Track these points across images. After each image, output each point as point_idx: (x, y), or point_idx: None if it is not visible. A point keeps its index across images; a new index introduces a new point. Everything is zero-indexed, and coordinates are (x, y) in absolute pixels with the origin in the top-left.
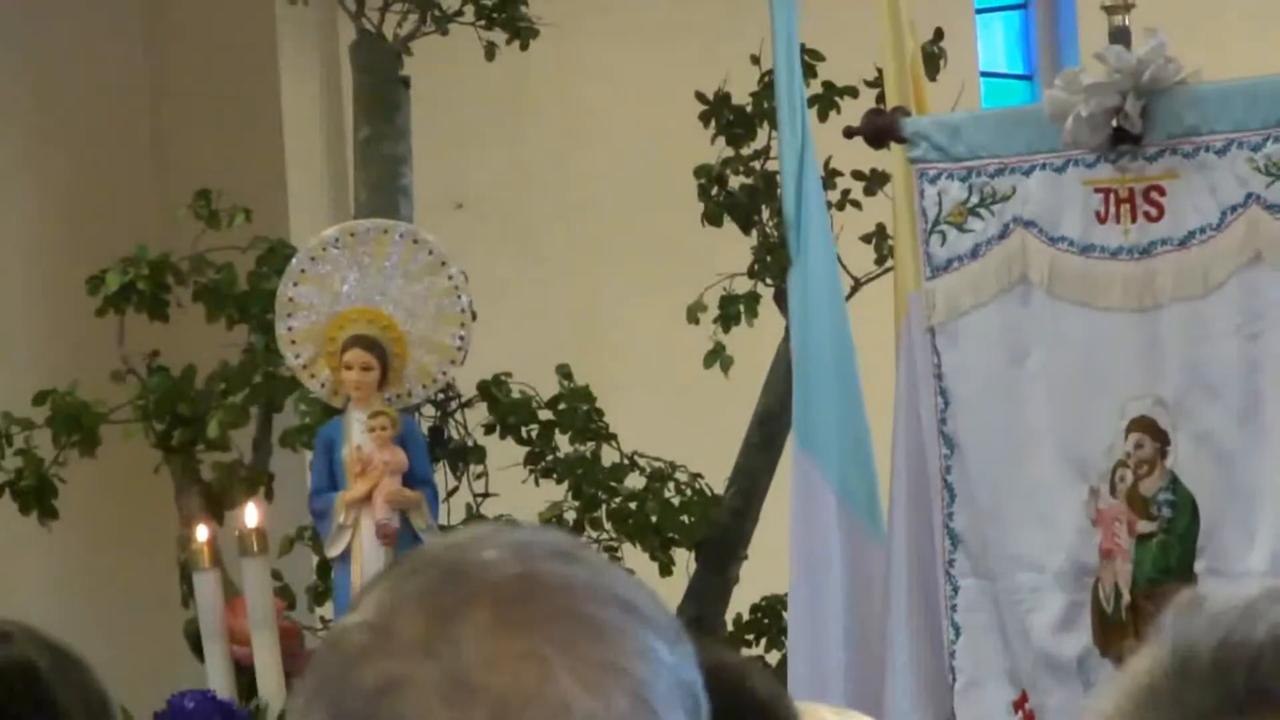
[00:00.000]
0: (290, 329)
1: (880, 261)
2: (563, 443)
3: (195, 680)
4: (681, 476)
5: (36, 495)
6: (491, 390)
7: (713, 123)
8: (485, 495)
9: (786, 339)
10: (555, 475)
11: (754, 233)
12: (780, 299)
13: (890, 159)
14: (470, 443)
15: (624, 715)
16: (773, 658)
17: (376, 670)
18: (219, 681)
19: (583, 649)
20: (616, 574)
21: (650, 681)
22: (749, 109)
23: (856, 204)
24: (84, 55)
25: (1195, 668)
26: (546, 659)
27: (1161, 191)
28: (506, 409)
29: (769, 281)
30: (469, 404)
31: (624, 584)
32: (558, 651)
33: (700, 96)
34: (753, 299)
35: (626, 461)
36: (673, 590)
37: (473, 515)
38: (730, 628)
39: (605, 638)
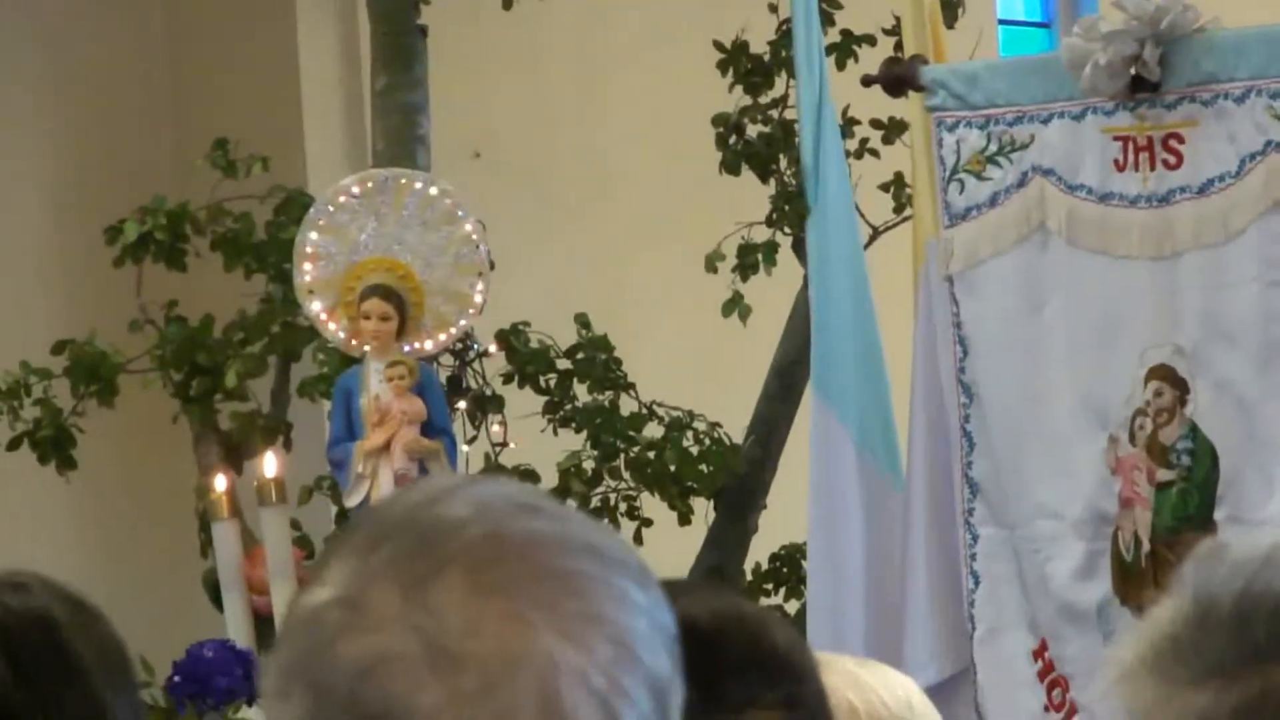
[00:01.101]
0: (308, 278)
1: (898, 210)
2: (581, 392)
3: (214, 630)
4: (700, 425)
5: (55, 445)
6: (509, 340)
7: (730, 71)
8: (503, 445)
9: (805, 288)
10: (574, 425)
11: (772, 181)
12: (798, 248)
13: (908, 107)
14: (489, 392)
15: (609, 663)
16: (792, 607)
17: (357, 647)
18: (238, 631)
19: (561, 603)
20: (579, 521)
21: (630, 625)
22: (767, 57)
23: (874, 153)
24: (99, 5)
25: (1216, 617)
26: (527, 618)
27: (1180, 139)
28: (525, 358)
29: (787, 230)
30: (487, 353)
31: (589, 530)
32: (537, 609)
33: (718, 45)
34: (771, 248)
35: (645, 411)
36: (691, 539)
37: (491, 464)
38: (749, 577)
39: (580, 589)
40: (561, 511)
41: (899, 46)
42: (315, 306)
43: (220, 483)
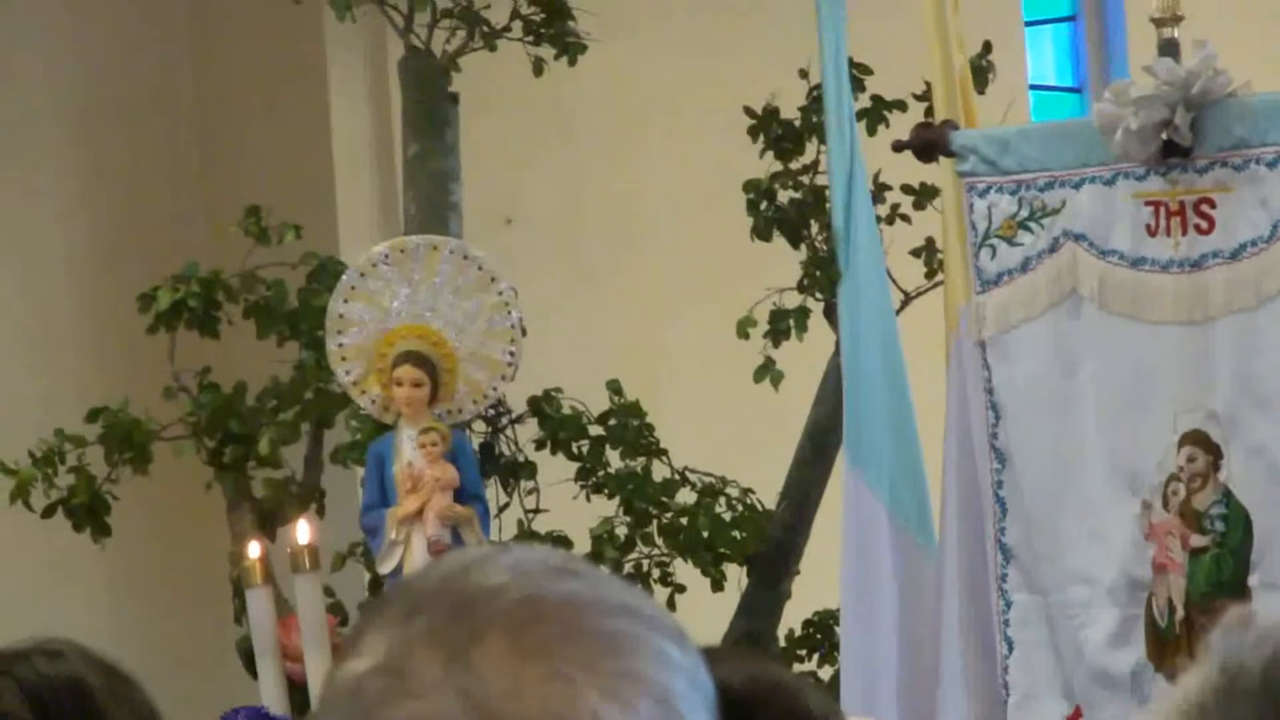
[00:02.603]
0: (340, 345)
1: (930, 275)
2: (614, 458)
3: (248, 697)
4: (733, 491)
5: (89, 512)
6: (542, 406)
7: (761, 137)
8: (536, 511)
9: (837, 353)
10: (606, 491)
11: (803, 247)
12: (830, 313)
13: (939, 173)
14: (521, 458)
15: None
16: (825, 673)
17: (402, 714)
18: (272, 698)
19: (601, 663)
20: (614, 582)
21: (670, 684)
22: (797, 123)
23: (906, 218)
24: (132, 73)
25: (1244, 685)
26: (569, 678)
27: (1212, 204)
28: (557, 424)
29: (819, 296)
30: (520, 420)
31: (625, 592)
32: (578, 669)
33: (748, 111)
34: (803, 313)
35: (677, 477)
36: (724, 605)
37: (524, 531)
38: (782, 643)
39: (620, 648)
40: (596, 574)
41: (930, 112)
42: (348, 373)
43: (254, 550)
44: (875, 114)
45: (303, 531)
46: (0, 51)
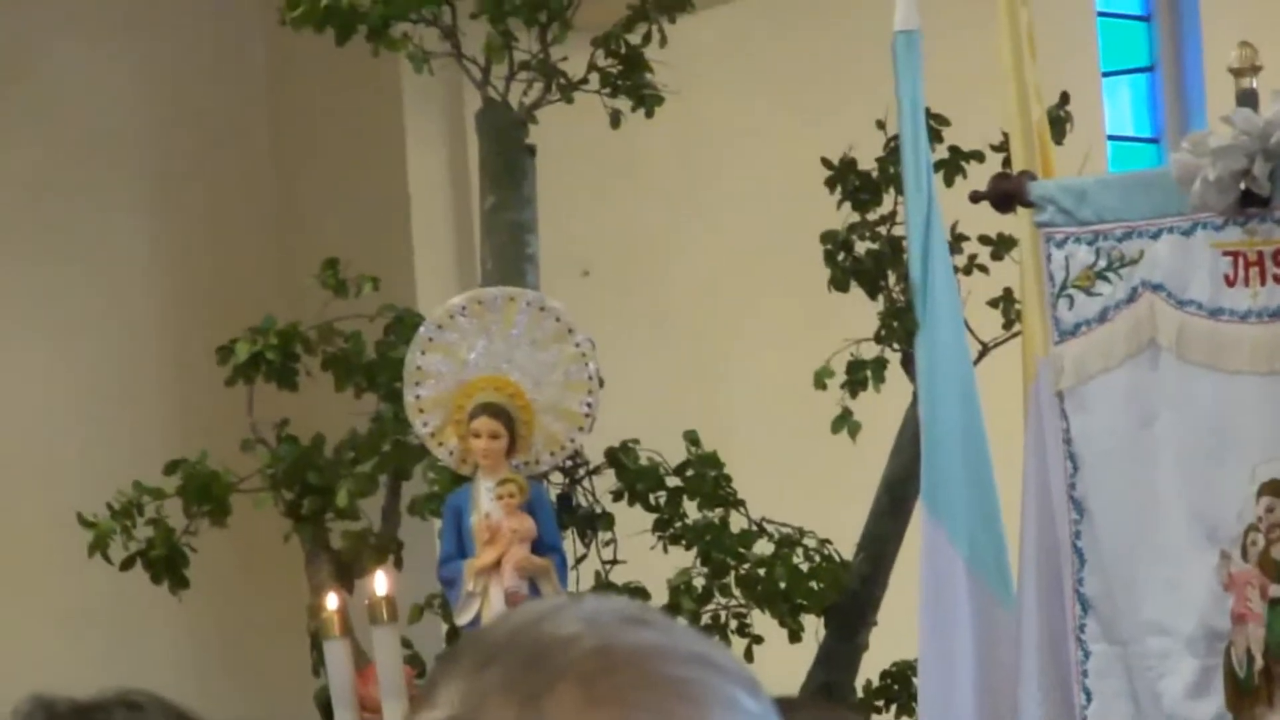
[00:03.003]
0: (418, 397)
1: (1008, 326)
2: (691, 509)
3: None
4: (810, 542)
5: (168, 564)
6: (619, 457)
7: (838, 188)
8: (614, 562)
9: (914, 404)
10: (684, 542)
11: (881, 298)
12: (908, 364)
13: (1017, 223)
14: (598, 510)
15: None
16: None
17: None
18: None
19: (674, 711)
20: (687, 632)
21: None
22: (875, 174)
23: (983, 268)
24: (210, 126)
25: None
26: None
27: None
28: (634, 476)
29: (896, 346)
30: (597, 471)
31: (696, 641)
32: (651, 717)
33: (826, 162)
34: (880, 364)
35: (755, 527)
36: (802, 656)
37: (601, 582)
38: (860, 694)
39: (692, 696)
40: (668, 623)
41: (1007, 162)
42: (425, 425)
43: (332, 601)
44: (953, 164)
45: (380, 583)
46: (80, 105)
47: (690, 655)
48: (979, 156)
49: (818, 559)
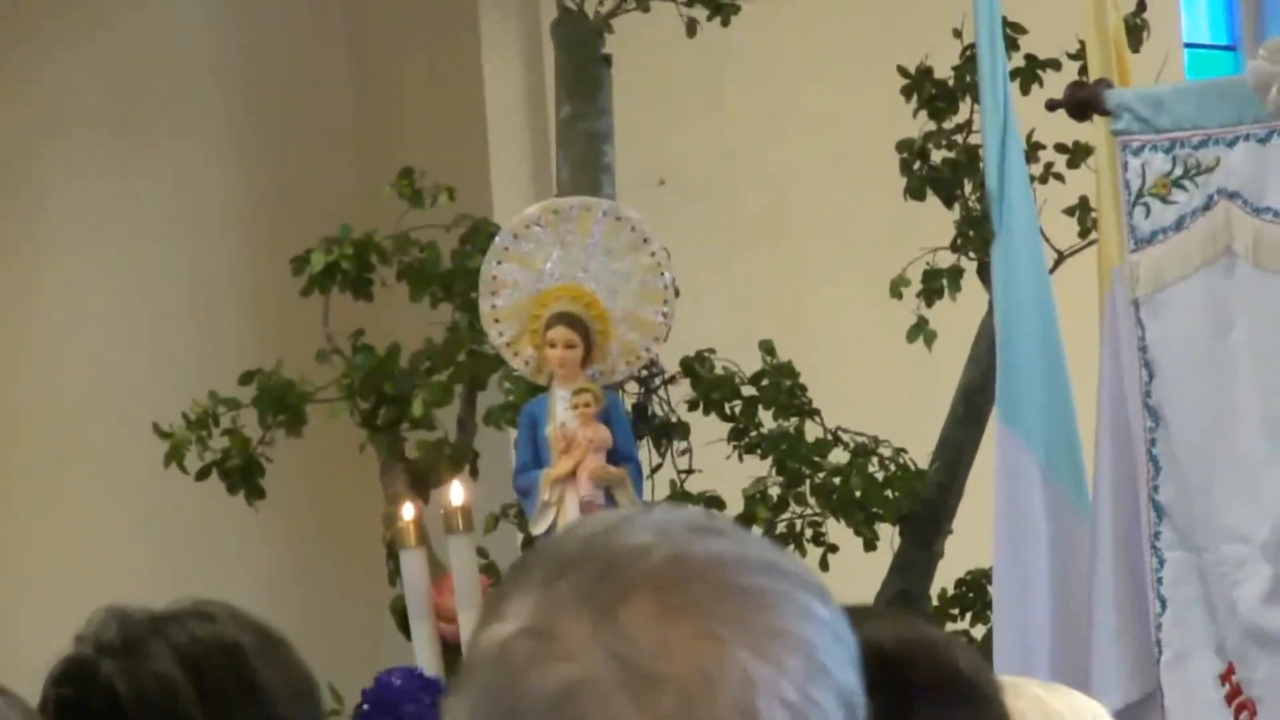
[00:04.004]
0: (494, 307)
1: (1083, 234)
2: (766, 419)
3: (402, 658)
4: (885, 451)
5: (243, 475)
6: (695, 366)
7: (914, 97)
8: (689, 472)
9: (990, 313)
10: (759, 451)
11: (957, 206)
12: (983, 273)
13: (1093, 131)
14: (674, 419)
15: (801, 677)
16: (978, 632)
17: (551, 676)
18: (426, 659)
19: (749, 620)
20: (756, 540)
21: (816, 640)
22: (951, 83)
23: (1059, 177)
24: (286, 38)
25: None
26: (719, 637)
27: None
28: (710, 385)
29: (972, 255)
30: (672, 380)
31: (767, 550)
32: (727, 628)
33: (902, 70)
34: (956, 273)
35: (830, 437)
36: (877, 565)
37: (676, 492)
38: (935, 602)
39: (767, 605)
40: (739, 532)
41: (1083, 70)
42: (501, 335)
43: (407, 511)
44: (1029, 73)
45: (456, 493)
46: (156, 20)
47: (763, 564)
48: (1055, 65)
49: (893, 468)
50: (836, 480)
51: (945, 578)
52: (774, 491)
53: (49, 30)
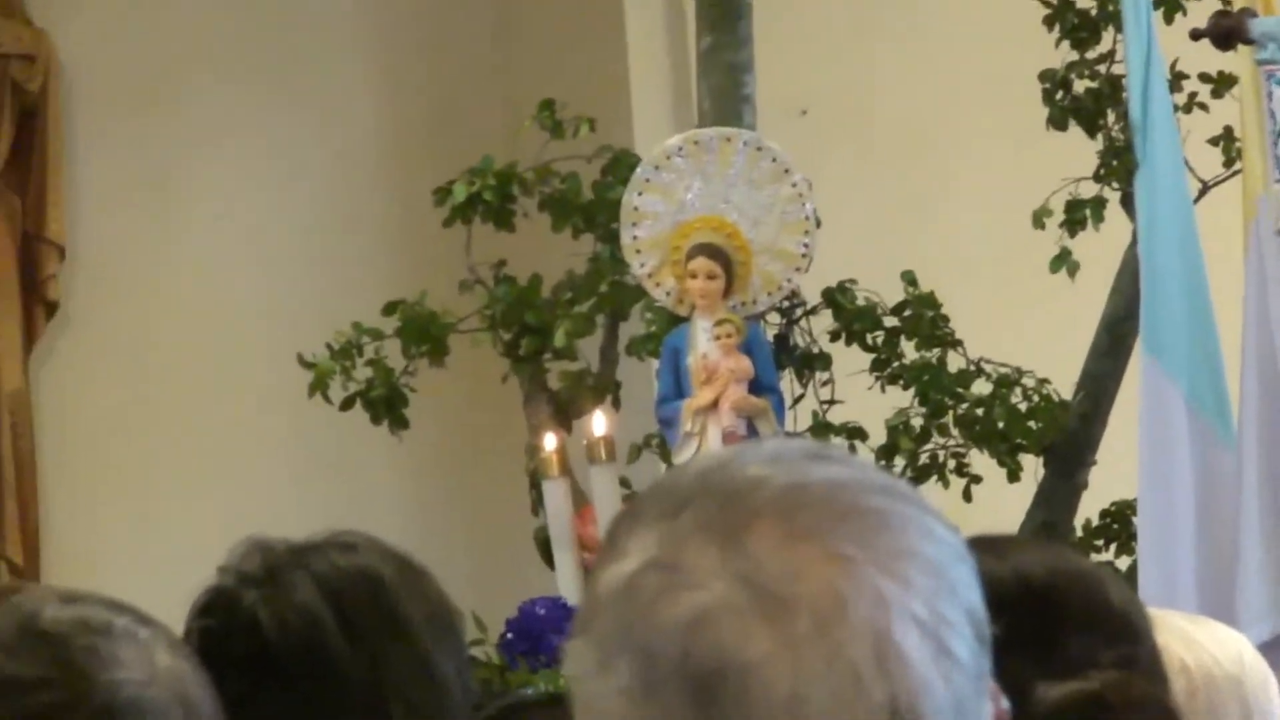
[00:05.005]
0: (635, 238)
1: (1228, 164)
2: (908, 349)
3: (546, 587)
4: (1029, 382)
5: (387, 404)
6: (836, 297)
7: (1057, 26)
8: (831, 402)
9: (1134, 243)
10: (901, 382)
11: (1100, 136)
12: (1127, 203)
13: (1237, 61)
14: (816, 350)
15: (930, 595)
16: (1123, 563)
17: (683, 605)
18: (569, 588)
19: (875, 540)
20: (870, 465)
21: (940, 559)
22: (1094, 12)
23: (1204, 106)
24: None
25: None
26: (848, 558)
27: None
28: (852, 316)
29: (1115, 185)
30: (814, 311)
31: (882, 474)
32: (855, 548)
33: (1044, 0)
34: (1099, 203)
35: (973, 367)
36: (1021, 496)
37: (819, 422)
38: (1079, 534)
39: (891, 525)
40: (850, 458)
41: (1228, 0)
42: (642, 266)
43: (550, 441)
44: (1173, 2)
45: (599, 423)
46: None
47: (882, 486)
48: None
49: (1036, 398)
50: (979, 411)
51: (1089, 509)
52: (916, 422)
53: None
